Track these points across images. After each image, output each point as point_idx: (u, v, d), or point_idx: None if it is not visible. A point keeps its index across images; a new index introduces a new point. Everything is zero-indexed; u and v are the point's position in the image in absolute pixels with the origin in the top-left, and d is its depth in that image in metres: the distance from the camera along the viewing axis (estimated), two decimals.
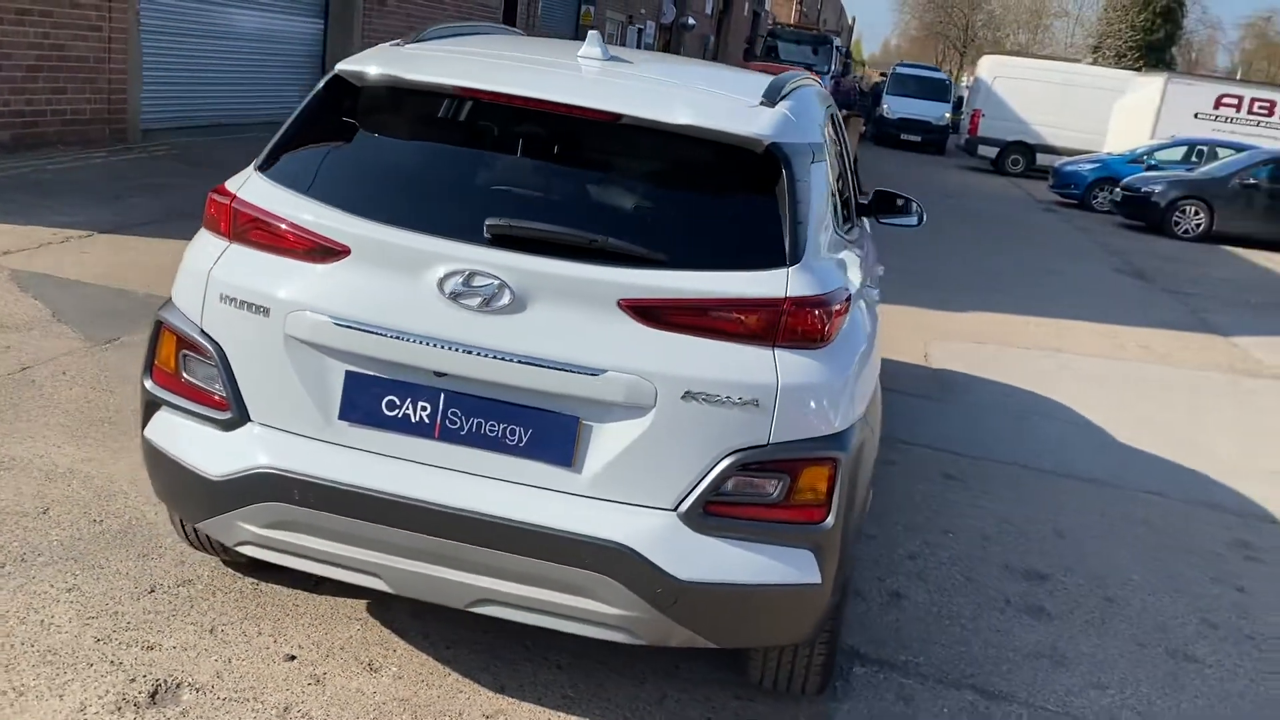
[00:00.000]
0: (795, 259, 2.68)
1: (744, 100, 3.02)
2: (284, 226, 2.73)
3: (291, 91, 14.92)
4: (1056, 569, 4.39)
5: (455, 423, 2.64)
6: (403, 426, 2.66)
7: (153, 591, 3.33)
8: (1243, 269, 15.27)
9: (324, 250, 2.69)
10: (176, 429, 2.87)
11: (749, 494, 2.60)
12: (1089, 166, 20.15)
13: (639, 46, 31.53)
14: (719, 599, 2.61)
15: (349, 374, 2.68)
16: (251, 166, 2.94)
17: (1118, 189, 18.72)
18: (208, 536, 3.29)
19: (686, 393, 2.54)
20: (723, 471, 2.56)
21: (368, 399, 2.67)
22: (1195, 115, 21.51)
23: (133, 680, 2.90)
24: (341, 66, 2.96)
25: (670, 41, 36.14)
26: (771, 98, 3.07)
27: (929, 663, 3.54)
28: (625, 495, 2.59)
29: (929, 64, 43.45)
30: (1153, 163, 19.76)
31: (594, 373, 2.54)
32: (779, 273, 2.64)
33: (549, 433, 2.60)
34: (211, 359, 2.78)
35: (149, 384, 2.93)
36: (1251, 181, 17.32)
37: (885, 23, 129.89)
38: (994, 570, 4.31)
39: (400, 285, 2.63)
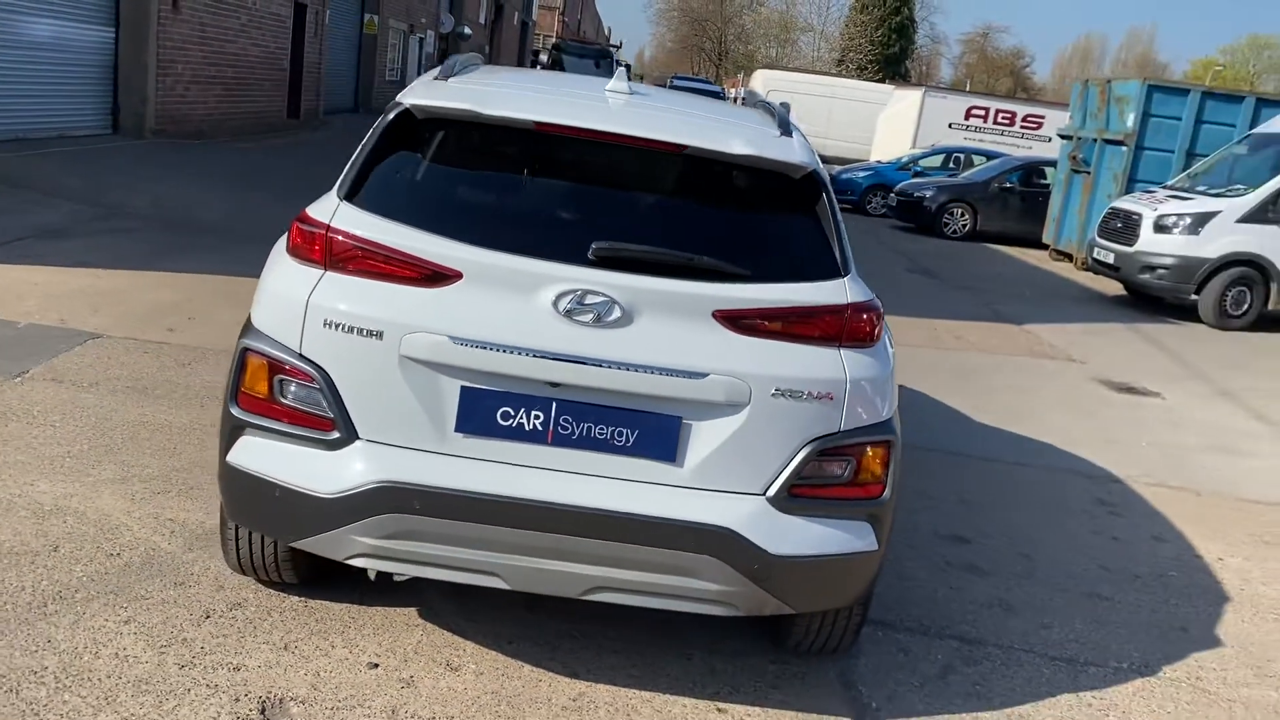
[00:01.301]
0: (846, 270, 3.11)
1: (769, 131, 3.42)
2: (392, 254, 2.90)
3: (88, 104, 14.09)
4: (975, 533, 5.03)
5: (567, 428, 2.90)
6: (516, 434, 2.90)
7: (209, 617, 3.37)
8: (1010, 265, 17.01)
9: (435, 275, 2.88)
10: (272, 452, 2.97)
11: (824, 476, 3.00)
12: (863, 174, 21.82)
13: (420, 55, 31.29)
14: (802, 569, 2.99)
15: (464, 389, 2.88)
16: (334, 195, 3.07)
17: (891, 194, 20.35)
18: (259, 560, 3.38)
19: (775, 390, 2.91)
20: (804, 458, 2.95)
21: (482, 411, 2.89)
22: (949, 125, 23.68)
23: (237, 700, 2.97)
24: (410, 101, 3.14)
25: (448, 50, 36.00)
26: (785, 129, 3.49)
27: (910, 618, 4.05)
28: (722, 484, 2.93)
29: (702, 77, 45.17)
30: (918, 169, 21.62)
31: (698, 376, 2.87)
32: (838, 282, 3.06)
33: (654, 432, 2.91)
34: (315, 382, 2.91)
35: (235, 410, 3.01)
36: (1007, 185, 19.30)
37: (640, 34, 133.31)
38: (927, 536, 4.90)
39: (515, 305, 2.87)
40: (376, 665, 3.25)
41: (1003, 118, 23.95)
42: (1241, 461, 7.06)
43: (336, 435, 2.92)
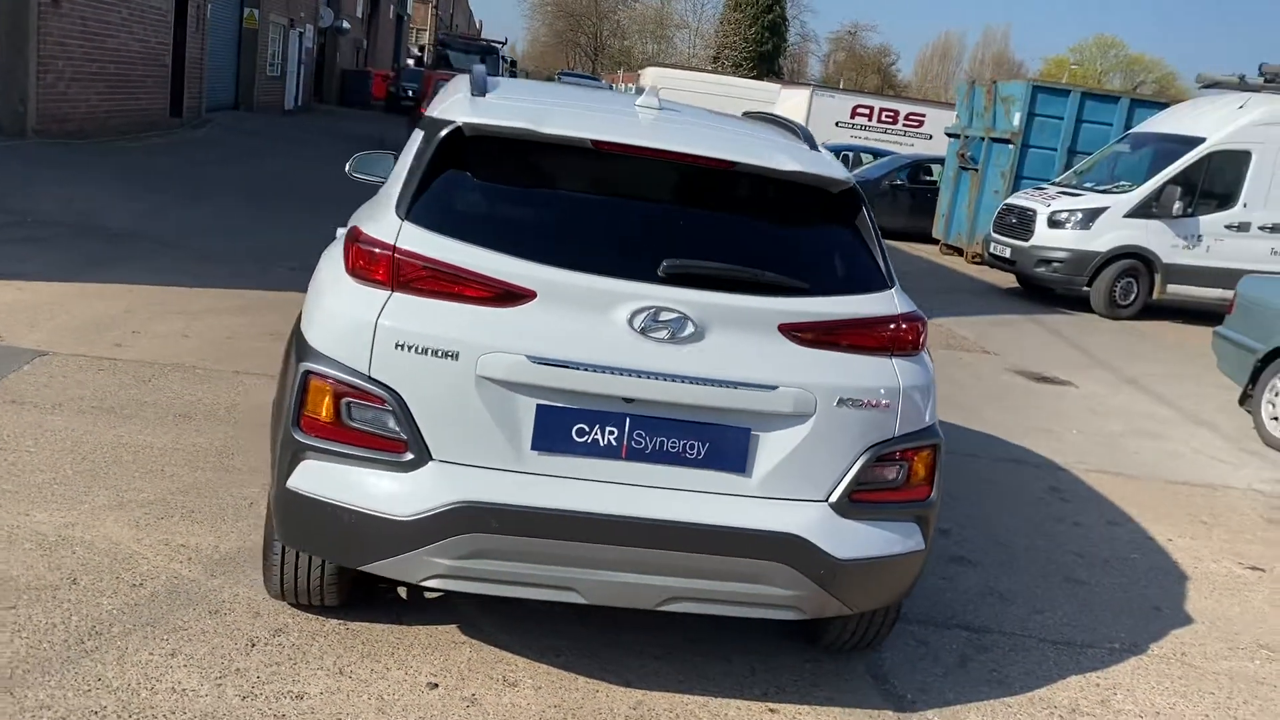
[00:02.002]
0: (891, 281, 3.24)
1: (800, 147, 3.52)
2: (465, 274, 2.89)
3: None
4: (952, 524, 5.25)
5: (640, 443, 2.95)
6: (591, 450, 2.93)
7: (254, 645, 3.30)
8: (911, 261, 17.58)
9: (509, 295, 2.89)
10: (339, 476, 2.93)
11: (879, 481, 3.13)
12: None
13: (299, 50, 30.46)
14: (862, 572, 3.11)
15: (540, 407, 2.90)
16: (393, 214, 3.04)
17: None
18: (305, 584, 3.33)
19: (839, 400, 3.02)
20: (863, 464, 3.07)
21: (558, 429, 2.91)
22: (836, 123, 24.31)
23: None
24: (463, 119, 3.13)
25: (326, 45, 35.16)
26: (811, 144, 3.60)
27: (919, 611, 4.22)
28: (788, 492, 3.03)
29: (590, 73, 45.17)
30: None
31: (769, 389, 2.96)
32: (887, 294, 3.19)
33: (725, 444, 2.98)
34: (386, 404, 2.89)
35: (298, 435, 2.96)
36: (898, 182, 19.94)
37: (512, 28, 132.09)
38: None
39: (590, 323, 2.90)
40: (436, 685, 3.24)
41: (886, 116, 24.71)
42: (1162, 445, 7.52)
43: (410, 457, 2.90)
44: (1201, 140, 13.14)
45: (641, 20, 77.08)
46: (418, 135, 3.36)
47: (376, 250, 2.96)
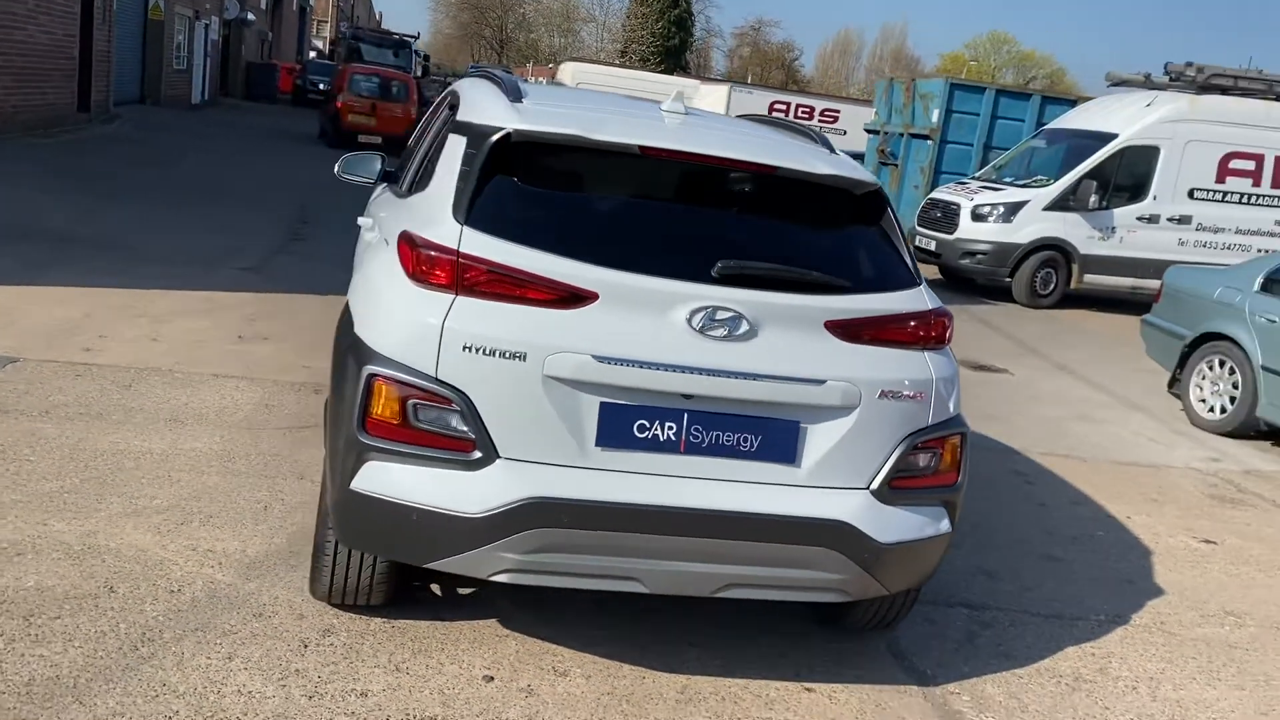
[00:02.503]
0: (919, 278, 3.42)
1: (823, 151, 3.68)
2: (529, 278, 2.98)
3: None
4: None
5: (697, 437, 3.07)
6: (651, 446, 3.05)
7: (307, 646, 3.33)
8: None
9: (573, 297, 2.99)
10: (406, 476, 3.00)
11: (914, 468, 3.31)
12: None
13: (205, 41, 29.66)
14: (900, 555, 3.28)
15: (604, 405, 3.01)
16: (450, 219, 3.10)
17: None
18: (354, 584, 3.38)
19: (881, 392, 3.19)
20: (901, 453, 3.25)
21: (621, 425, 3.02)
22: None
23: None
24: (513, 126, 3.21)
25: (231, 36, 34.28)
26: (830, 148, 3.76)
27: (923, 591, 4.42)
28: (835, 481, 3.19)
29: (503, 66, 44.79)
30: None
31: (818, 383, 3.11)
32: (917, 291, 3.37)
33: (776, 436, 3.13)
34: (453, 405, 2.96)
35: (363, 437, 3.01)
36: None
37: (412, 20, 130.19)
38: None
39: (651, 323, 3.01)
40: (491, 678, 3.32)
41: (803, 112, 25.19)
42: (1103, 429, 7.92)
43: (478, 455, 2.97)
44: (1114, 136, 13.75)
45: (548, 14, 76.86)
46: (458, 141, 3.41)
47: (439, 255, 3.03)
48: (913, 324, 3.29)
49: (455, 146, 3.41)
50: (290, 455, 4.87)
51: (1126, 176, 13.81)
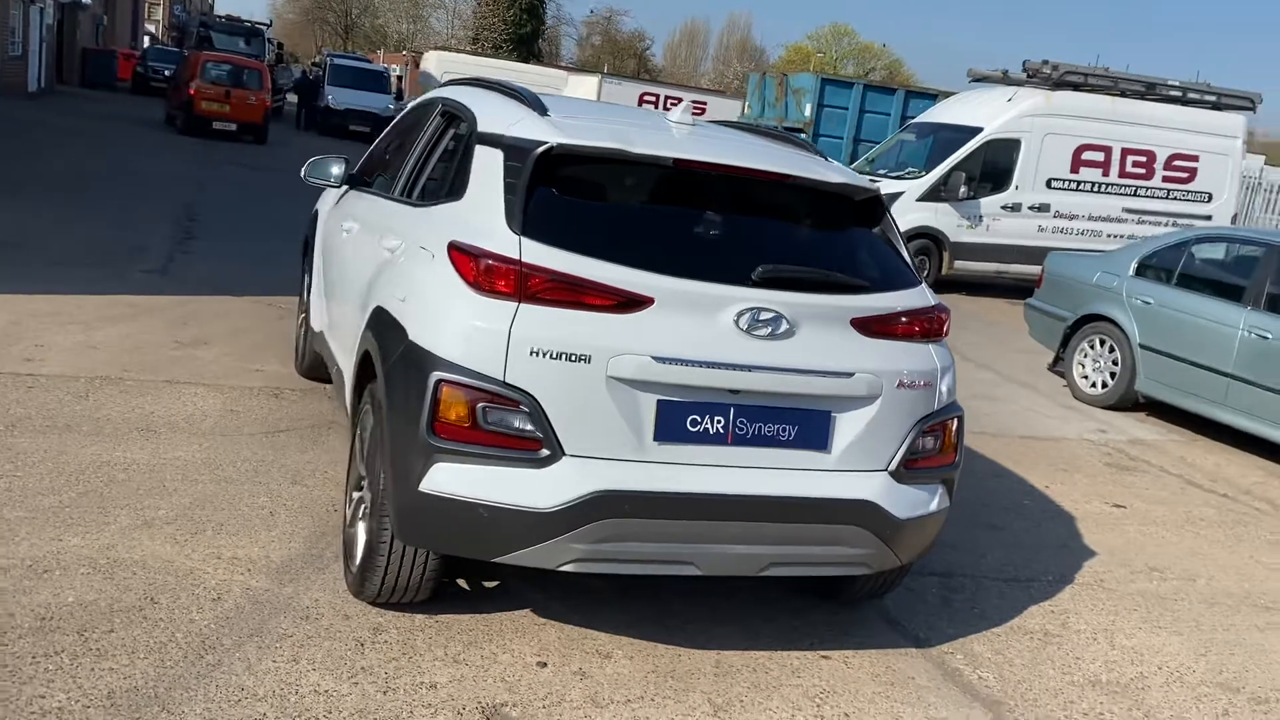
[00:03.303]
0: (919, 277, 3.75)
1: (823, 159, 3.97)
2: (590, 285, 3.17)
3: None
4: None
5: (743, 429, 3.33)
6: (702, 438, 3.29)
7: (364, 645, 3.44)
8: None
9: (630, 302, 3.19)
10: (476, 475, 3.15)
11: (923, 450, 3.64)
12: None
13: (40, 26, 28.03)
14: (912, 528, 3.61)
15: (660, 402, 3.22)
16: (505, 230, 3.25)
17: None
18: (405, 583, 3.50)
19: (899, 383, 3.50)
20: (914, 437, 3.57)
21: (676, 420, 3.25)
22: None
23: (460, 714, 3.15)
24: (556, 140, 3.38)
25: (65, 22, 32.47)
26: (824, 156, 4.06)
27: None
28: (860, 464, 3.49)
29: (358, 54, 43.80)
30: None
31: (847, 376, 3.40)
32: (920, 289, 3.70)
33: (811, 425, 3.41)
34: (521, 406, 3.13)
35: (434, 440, 3.14)
36: None
37: (251, 5, 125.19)
38: None
39: (702, 324, 3.24)
40: (545, 664, 3.49)
41: (672, 103, 25.54)
42: (1001, 406, 8.53)
43: (545, 453, 3.15)
44: (979, 130, 14.60)
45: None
46: (490, 153, 3.54)
47: (502, 265, 3.18)
48: (921, 319, 3.61)
49: (489, 159, 3.55)
50: (275, 460, 4.89)
51: (991, 168, 14.69)
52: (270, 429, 5.30)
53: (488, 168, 3.53)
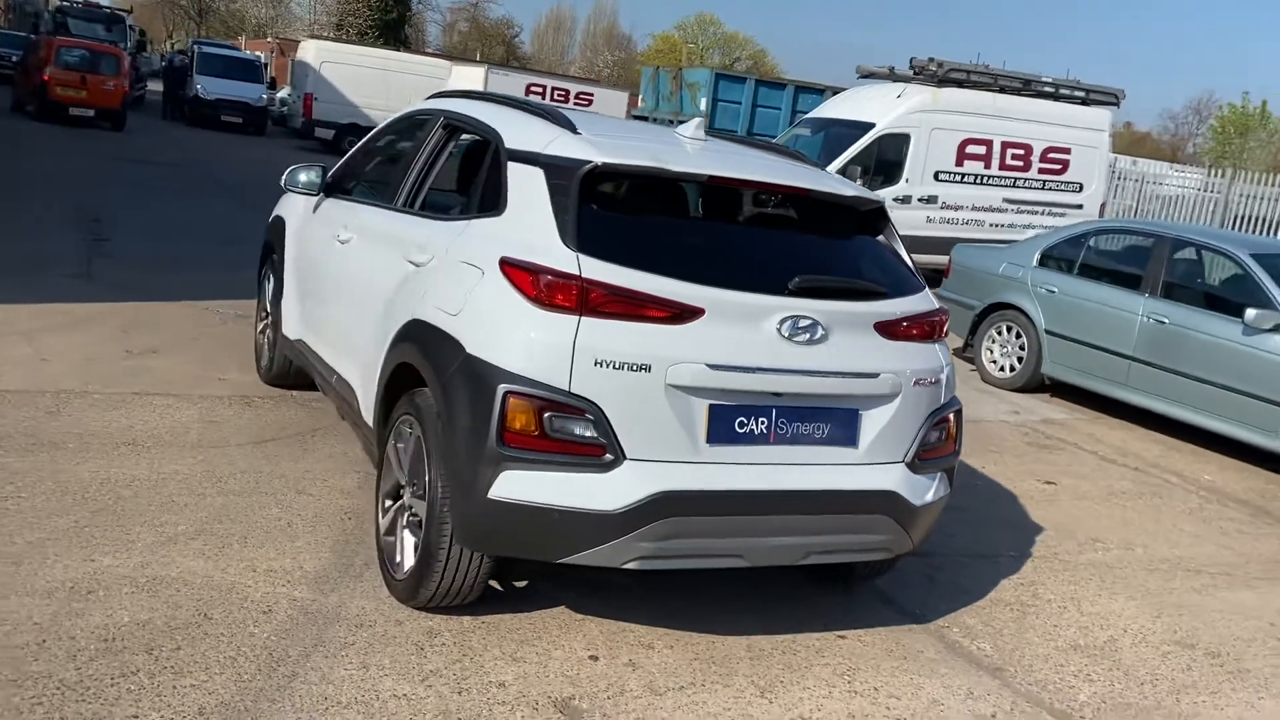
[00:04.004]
0: (923, 282, 4.05)
1: (827, 173, 4.23)
2: (647, 298, 3.35)
3: None
4: None
5: (783, 429, 3.57)
6: (748, 439, 3.52)
7: (423, 649, 3.56)
8: None
9: (685, 313, 3.39)
10: (544, 481, 3.32)
11: (932, 441, 3.95)
12: None
13: None
14: (924, 514, 3.92)
15: (712, 406, 3.44)
16: (560, 246, 3.40)
17: None
18: (460, 587, 3.63)
19: (916, 381, 3.80)
20: (926, 430, 3.88)
21: (726, 423, 3.47)
22: None
23: (536, 709, 3.30)
24: (601, 159, 3.54)
25: None
26: (821, 167, 4.32)
27: None
28: (882, 457, 3.77)
29: (227, 42, 42.22)
30: None
31: (874, 376, 3.68)
32: (925, 293, 4.00)
33: (841, 423, 3.67)
34: (586, 415, 3.30)
35: (503, 449, 3.29)
36: None
37: None
38: None
39: (748, 332, 3.46)
40: (596, 658, 3.67)
41: (558, 95, 25.63)
42: None
43: (609, 458, 3.33)
44: (872, 125, 15.18)
45: None
46: (528, 171, 3.68)
47: (563, 280, 3.33)
48: (929, 321, 3.91)
49: (527, 176, 3.68)
50: (272, 470, 4.90)
51: (883, 162, 15.29)
52: (256, 439, 5.29)
53: (528, 185, 3.66)
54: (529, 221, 3.56)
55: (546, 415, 3.29)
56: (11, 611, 3.39)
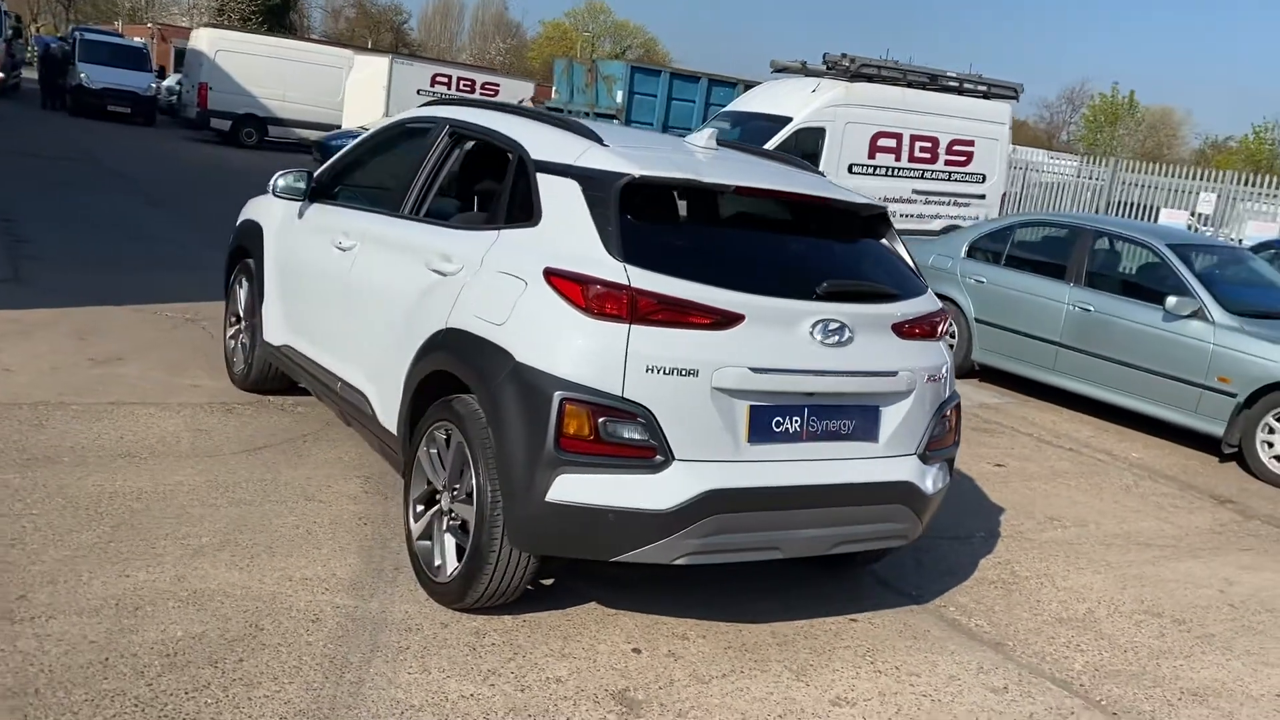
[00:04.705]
0: (926, 284, 4.30)
1: (834, 182, 4.44)
2: (693, 306, 3.50)
3: None
4: None
5: (814, 427, 3.77)
6: (783, 437, 3.71)
7: (475, 650, 3.66)
8: None
9: (727, 319, 3.55)
10: (599, 483, 3.46)
11: (938, 434, 4.20)
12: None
13: None
14: (934, 501, 4.17)
15: (752, 407, 3.61)
16: (606, 257, 3.52)
17: None
18: (505, 588, 3.74)
19: (928, 377, 4.04)
20: (933, 423, 4.13)
21: (764, 422, 3.65)
22: (418, 91, 24.55)
23: (597, 702, 3.44)
24: (639, 172, 3.68)
25: None
26: (823, 174, 4.53)
27: None
28: (898, 450, 4.01)
29: (115, 31, 40.47)
30: None
31: (893, 374, 3.90)
32: (929, 294, 4.24)
33: (864, 419, 3.89)
34: (639, 419, 3.44)
35: (560, 454, 3.41)
36: None
37: None
38: None
39: (785, 336, 3.65)
40: (639, 650, 3.82)
41: (464, 85, 25.41)
42: None
43: (660, 459, 3.48)
44: (789, 119, 15.55)
45: None
46: (562, 183, 3.79)
47: (613, 290, 3.46)
48: (934, 321, 4.16)
49: (561, 188, 3.79)
50: (274, 478, 4.90)
51: (801, 154, 15.67)
52: (248, 447, 5.26)
53: (563, 196, 3.76)
54: (569, 233, 3.67)
55: (601, 420, 3.42)
56: (65, 631, 3.37)
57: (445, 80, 25.05)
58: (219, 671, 3.27)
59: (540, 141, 4.10)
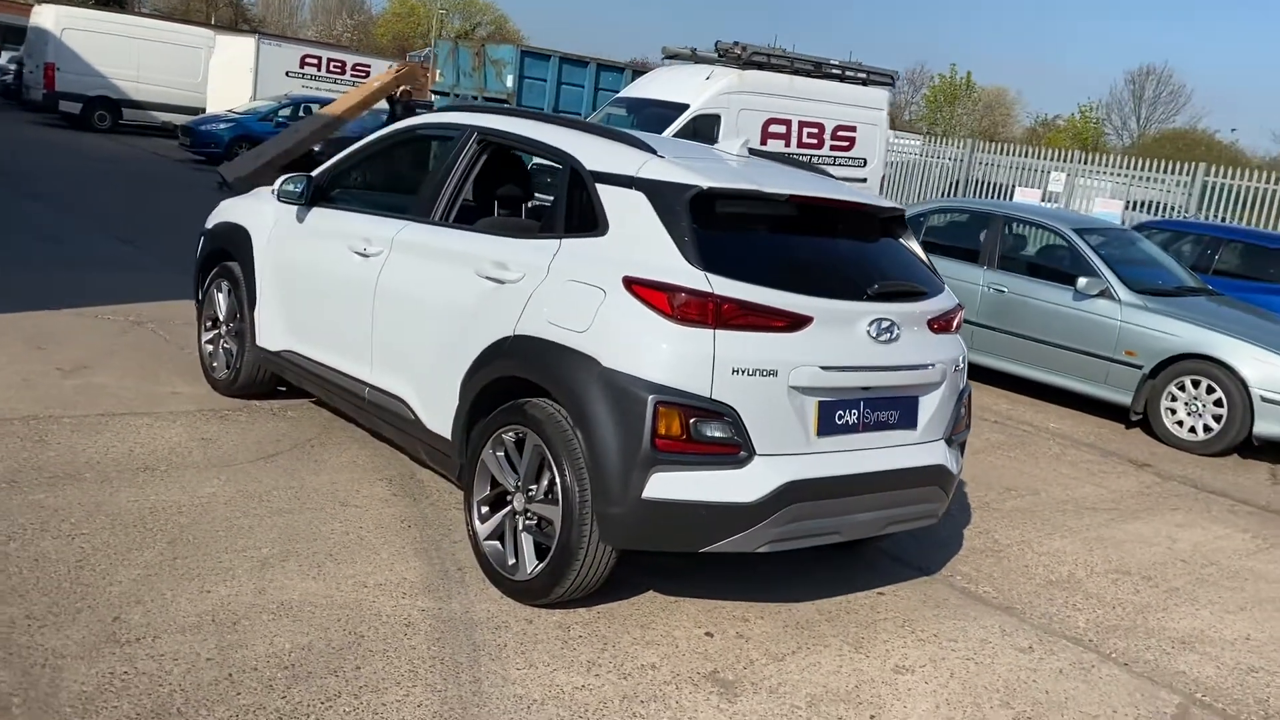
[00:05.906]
0: (943, 281, 4.64)
1: (848, 184, 4.73)
2: (770, 310, 3.74)
3: None
4: None
5: (868, 419, 4.07)
6: (844, 429, 3.99)
7: (566, 643, 3.82)
8: None
9: (799, 322, 3.80)
10: (690, 480, 3.68)
11: (959, 419, 4.57)
12: (224, 125, 21.19)
13: None
14: (955, 482, 4.54)
15: (821, 403, 3.88)
16: (685, 265, 3.71)
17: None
18: (588, 582, 3.92)
19: (955, 368, 4.39)
20: (957, 409, 4.49)
21: (830, 416, 3.92)
22: (287, 73, 23.85)
23: (696, 686, 3.66)
24: (706, 184, 3.88)
25: None
26: (834, 178, 4.82)
27: None
28: (931, 436, 4.35)
29: None
30: (281, 120, 21.64)
31: (930, 367, 4.23)
32: (948, 291, 4.59)
33: (906, 410, 4.21)
34: (726, 418, 3.67)
35: (655, 454, 3.61)
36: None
37: None
38: None
39: (847, 335, 3.93)
40: (711, 634, 4.06)
41: (335, 66, 24.80)
42: None
43: (744, 455, 3.71)
44: (686, 106, 15.84)
45: None
46: (626, 194, 3.95)
47: (697, 298, 3.66)
48: (955, 315, 4.51)
49: (627, 199, 3.95)
50: (301, 485, 4.91)
51: (698, 140, 16.02)
52: (261, 455, 5.23)
53: (630, 207, 3.93)
54: (641, 243, 3.85)
55: (691, 420, 3.63)
56: (175, 650, 3.38)
57: (315, 61, 24.45)
58: (342, 680, 3.35)
59: (593, 152, 4.24)
